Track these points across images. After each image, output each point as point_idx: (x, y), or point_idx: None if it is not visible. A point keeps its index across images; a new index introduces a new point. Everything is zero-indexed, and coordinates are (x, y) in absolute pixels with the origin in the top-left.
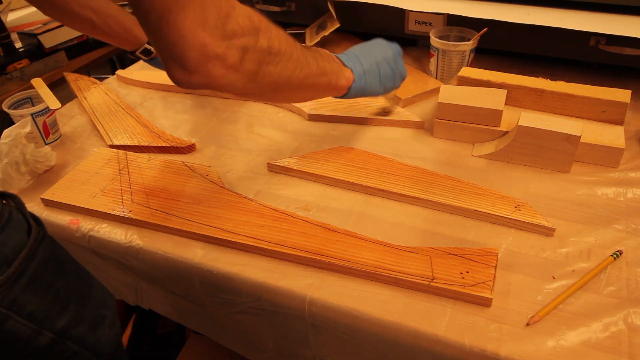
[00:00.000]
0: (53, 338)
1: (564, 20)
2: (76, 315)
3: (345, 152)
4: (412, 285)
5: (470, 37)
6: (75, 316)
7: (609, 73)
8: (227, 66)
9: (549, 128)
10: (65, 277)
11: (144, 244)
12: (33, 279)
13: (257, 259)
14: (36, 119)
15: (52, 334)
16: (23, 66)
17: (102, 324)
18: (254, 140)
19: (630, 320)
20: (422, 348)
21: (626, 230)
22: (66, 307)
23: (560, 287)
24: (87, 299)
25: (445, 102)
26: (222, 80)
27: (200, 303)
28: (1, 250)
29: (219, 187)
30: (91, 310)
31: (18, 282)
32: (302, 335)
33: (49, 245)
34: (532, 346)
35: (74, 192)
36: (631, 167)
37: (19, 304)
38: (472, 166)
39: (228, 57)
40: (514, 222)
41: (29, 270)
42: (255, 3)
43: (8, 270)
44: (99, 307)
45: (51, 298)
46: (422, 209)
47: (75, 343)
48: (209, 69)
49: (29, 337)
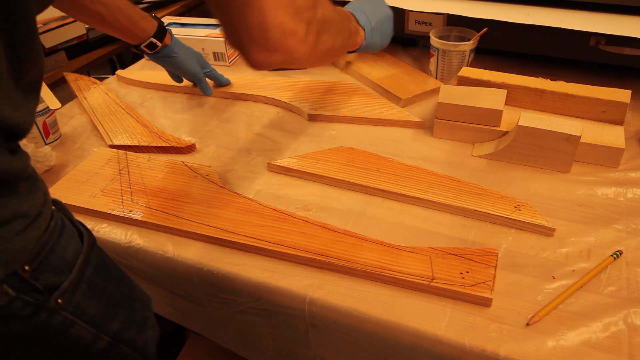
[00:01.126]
0: (110, 342)
1: (564, 20)
2: (126, 318)
3: (345, 152)
4: (412, 285)
5: (470, 37)
6: (126, 319)
7: (609, 73)
8: (298, 40)
9: (549, 128)
10: (113, 282)
11: (144, 244)
12: (90, 284)
13: (257, 259)
14: (36, 119)
15: (109, 338)
16: None
17: (147, 326)
18: (254, 140)
19: (630, 320)
20: (422, 348)
21: (626, 230)
22: (118, 310)
23: (560, 287)
24: (133, 302)
25: (445, 102)
26: (296, 54)
27: (200, 303)
28: (63, 256)
29: (219, 187)
30: (137, 313)
31: (79, 288)
32: (302, 335)
33: (99, 251)
34: (532, 346)
35: (74, 192)
36: (631, 167)
37: (81, 309)
38: (472, 166)
39: (298, 31)
40: (514, 222)
41: (87, 276)
42: None
43: (70, 276)
44: (143, 310)
45: (105, 302)
46: (422, 209)
47: (127, 346)
48: (287, 45)
49: (90, 341)
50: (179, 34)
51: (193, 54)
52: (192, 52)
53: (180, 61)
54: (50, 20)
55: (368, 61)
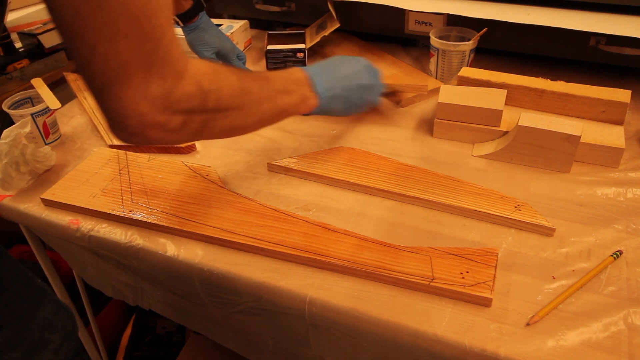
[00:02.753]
0: None
1: (564, 20)
2: (10, 339)
3: (345, 152)
4: (412, 285)
5: (470, 37)
6: (9, 341)
7: (609, 73)
8: (167, 130)
9: (549, 128)
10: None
11: (144, 244)
12: None
13: (257, 259)
14: (36, 119)
15: None
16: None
17: (45, 350)
18: (254, 140)
19: (630, 320)
20: (422, 348)
21: (626, 230)
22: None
23: (560, 287)
24: (28, 322)
25: (445, 102)
26: (162, 140)
27: (200, 303)
28: None
29: (219, 187)
30: (31, 335)
31: None
32: (302, 335)
33: None
34: (532, 346)
35: (74, 192)
36: (631, 167)
37: None
38: (472, 166)
39: (169, 123)
40: (514, 222)
41: None
42: (256, 3)
43: None
44: (42, 331)
45: None
46: (422, 209)
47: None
48: (148, 133)
49: None
50: (179, 33)
51: (222, 34)
52: (222, 33)
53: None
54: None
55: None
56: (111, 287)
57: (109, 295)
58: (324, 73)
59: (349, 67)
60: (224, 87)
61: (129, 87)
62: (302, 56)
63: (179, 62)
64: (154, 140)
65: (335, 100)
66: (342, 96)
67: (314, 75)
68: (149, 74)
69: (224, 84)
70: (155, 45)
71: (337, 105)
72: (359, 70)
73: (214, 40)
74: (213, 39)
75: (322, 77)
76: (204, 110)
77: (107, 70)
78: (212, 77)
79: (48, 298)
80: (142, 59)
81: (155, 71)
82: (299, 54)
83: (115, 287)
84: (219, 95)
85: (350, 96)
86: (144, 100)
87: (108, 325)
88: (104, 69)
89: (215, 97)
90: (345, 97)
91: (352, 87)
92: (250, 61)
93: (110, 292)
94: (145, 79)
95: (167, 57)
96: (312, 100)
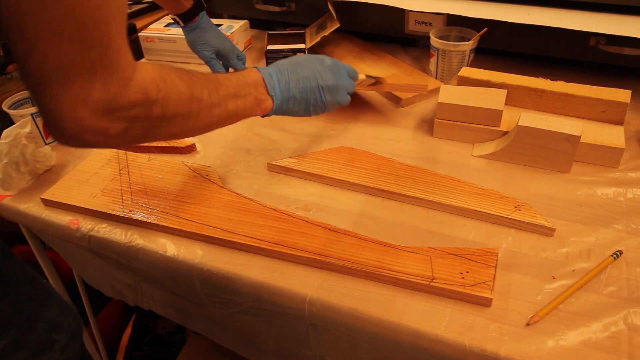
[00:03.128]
0: None
1: (564, 20)
2: (17, 339)
3: (345, 152)
4: (412, 285)
5: (470, 37)
6: (16, 341)
7: (609, 73)
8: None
9: (549, 128)
10: (10, 299)
11: (144, 244)
12: None
13: (257, 259)
14: (36, 119)
15: None
16: None
17: (51, 349)
18: (254, 140)
19: (630, 320)
20: (422, 348)
21: (626, 230)
22: (5, 331)
23: (560, 287)
24: (35, 322)
25: (445, 102)
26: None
27: (200, 303)
28: None
29: (219, 187)
30: (37, 335)
31: None
32: (302, 335)
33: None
34: (532, 346)
35: (74, 192)
36: (631, 167)
37: None
38: (472, 166)
39: (110, 128)
40: (514, 222)
41: None
42: (255, 3)
43: None
44: (48, 331)
45: None
46: (422, 209)
47: None
48: (86, 137)
49: None
50: (179, 33)
51: (222, 34)
52: (222, 34)
53: (212, 34)
54: None
55: (367, 61)
56: (111, 287)
57: (109, 295)
58: (281, 74)
59: (308, 68)
60: (171, 96)
61: (68, 90)
62: None
63: (126, 70)
64: (92, 144)
65: (292, 102)
66: (299, 98)
67: (269, 77)
68: (91, 79)
69: (171, 92)
70: (102, 52)
71: (295, 107)
72: (318, 70)
73: (214, 41)
74: (213, 39)
75: (279, 79)
76: (148, 118)
77: (46, 69)
78: (160, 86)
79: (54, 298)
80: (85, 64)
81: (98, 77)
82: (299, 54)
83: (115, 287)
84: (165, 104)
85: (308, 98)
86: (84, 105)
87: (108, 325)
88: (43, 67)
89: (161, 106)
90: (304, 99)
91: (310, 89)
92: (250, 61)
93: (110, 292)
94: (87, 84)
95: (114, 64)
96: (267, 103)
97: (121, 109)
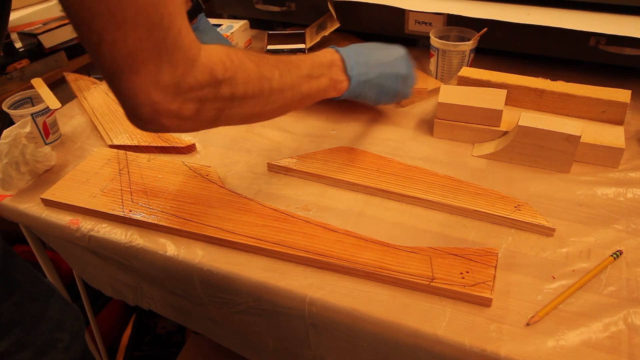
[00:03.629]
0: None
1: (564, 20)
2: (21, 339)
3: (345, 152)
4: (412, 285)
5: (470, 37)
6: (20, 340)
7: (609, 73)
8: (181, 118)
9: (549, 128)
10: (13, 298)
11: (144, 244)
12: None
13: (257, 259)
14: (36, 119)
15: None
16: (23, 66)
17: (54, 349)
18: (254, 140)
19: (630, 320)
20: (422, 348)
21: (626, 230)
22: (9, 331)
23: (560, 287)
24: (38, 321)
25: (445, 102)
26: (178, 128)
27: (200, 303)
28: None
29: (219, 187)
30: (41, 334)
31: None
32: (302, 335)
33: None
34: (532, 346)
35: (74, 192)
36: (631, 167)
37: None
38: (472, 166)
39: (183, 110)
40: (514, 222)
41: None
42: (255, 3)
43: None
44: (51, 331)
45: None
46: (422, 209)
47: None
48: (162, 121)
49: None
50: None
51: (221, 36)
52: (221, 35)
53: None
54: (50, 20)
55: None
56: (111, 287)
57: (109, 295)
58: (360, 56)
59: (387, 54)
60: (239, 75)
61: (139, 75)
62: None
63: (190, 50)
64: (169, 128)
65: (368, 86)
66: (375, 83)
67: (348, 58)
68: (159, 62)
69: (239, 72)
70: (164, 33)
71: (369, 91)
72: (396, 58)
73: (213, 43)
74: (212, 41)
75: (357, 60)
76: (217, 98)
77: (116, 58)
78: (227, 65)
79: (56, 297)
80: (151, 48)
81: (165, 59)
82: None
83: (115, 287)
84: (233, 83)
85: (384, 84)
86: (156, 88)
87: (108, 325)
88: (113, 57)
89: (229, 85)
90: (380, 84)
91: (387, 75)
92: None
93: (110, 292)
94: (155, 67)
95: (177, 45)
96: (343, 84)
97: (190, 90)
